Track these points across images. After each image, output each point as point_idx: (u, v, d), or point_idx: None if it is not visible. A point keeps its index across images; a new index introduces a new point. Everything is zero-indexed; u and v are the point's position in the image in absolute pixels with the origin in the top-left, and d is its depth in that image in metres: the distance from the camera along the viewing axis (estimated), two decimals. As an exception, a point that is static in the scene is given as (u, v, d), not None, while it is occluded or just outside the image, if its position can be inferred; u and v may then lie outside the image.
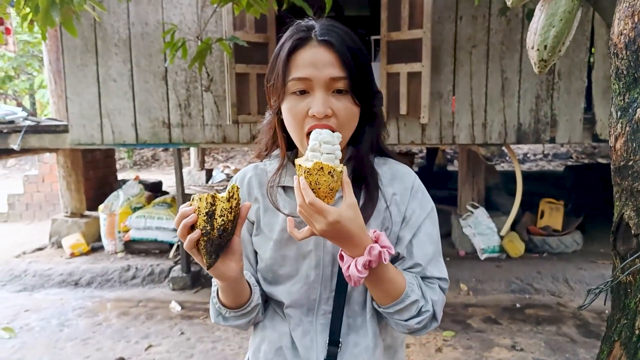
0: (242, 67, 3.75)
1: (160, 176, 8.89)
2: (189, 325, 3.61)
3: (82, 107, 4.24)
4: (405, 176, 1.00)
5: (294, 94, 0.90)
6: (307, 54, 0.89)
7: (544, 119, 3.95)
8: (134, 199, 5.13)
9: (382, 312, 0.92)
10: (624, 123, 0.94)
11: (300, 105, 0.89)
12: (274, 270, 0.98)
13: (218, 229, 0.79)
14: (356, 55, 0.90)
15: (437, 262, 0.98)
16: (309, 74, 0.88)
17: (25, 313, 3.88)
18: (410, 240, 0.96)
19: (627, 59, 0.94)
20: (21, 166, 11.41)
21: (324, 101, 0.88)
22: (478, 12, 3.85)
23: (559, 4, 1.04)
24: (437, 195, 6.69)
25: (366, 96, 0.93)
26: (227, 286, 0.90)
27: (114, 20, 4.12)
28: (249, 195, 1.02)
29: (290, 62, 0.90)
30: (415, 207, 0.98)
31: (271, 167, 1.02)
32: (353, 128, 0.94)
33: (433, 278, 0.96)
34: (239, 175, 1.05)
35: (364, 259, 0.81)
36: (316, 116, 0.87)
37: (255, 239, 1.02)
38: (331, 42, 0.88)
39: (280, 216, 0.98)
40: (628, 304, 1.14)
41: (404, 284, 0.88)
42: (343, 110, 0.89)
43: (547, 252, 4.62)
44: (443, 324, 3.51)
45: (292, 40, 0.90)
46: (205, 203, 0.79)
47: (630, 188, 0.97)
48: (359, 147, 0.96)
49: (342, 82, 0.89)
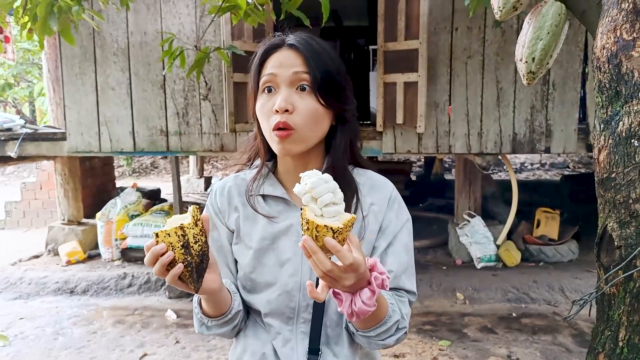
0: (240, 76, 3.78)
1: (159, 184, 8.89)
2: (184, 333, 3.60)
3: (80, 115, 4.25)
4: (383, 186, 1.01)
5: (263, 92, 0.95)
6: (277, 56, 0.94)
7: (539, 129, 3.97)
8: (132, 207, 5.13)
9: (361, 335, 0.90)
10: (606, 136, 0.95)
11: (268, 103, 0.93)
12: (253, 279, 0.99)
13: (197, 254, 0.78)
14: (323, 58, 0.93)
15: (411, 274, 0.99)
16: (275, 70, 0.93)
17: (20, 321, 3.87)
18: (385, 249, 0.97)
19: (609, 73, 0.96)
20: (19, 173, 11.40)
21: (286, 96, 0.91)
22: (473, 24, 3.89)
23: (546, 18, 1.06)
24: (434, 204, 6.72)
25: (333, 98, 0.94)
26: (209, 297, 0.91)
27: (112, 29, 4.15)
28: (229, 204, 1.03)
29: (262, 66, 0.96)
30: (392, 218, 0.99)
31: (250, 177, 1.03)
32: (318, 129, 0.95)
33: (403, 290, 0.97)
34: (219, 185, 1.06)
35: (369, 292, 0.77)
36: (278, 111, 0.90)
37: (235, 247, 1.02)
38: (296, 45, 0.93)
39: (259, 224, 0.99)
40: (612, 316, 1.15)
41: (386, 305, 0.88)
42: (305, 107, 0.91)
43: (543, 262, 4.62)
44: (439, 333, 3.50)
45: (265, 47, 0.97)
46: (176, 237, 0.76)
47: (613, 200, 0.98)
48: (334, 154, 0.98)
49: (305, 78, 0.92)
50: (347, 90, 0.98)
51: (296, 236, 0.97)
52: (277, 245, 0.98)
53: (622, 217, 0.98)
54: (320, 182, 0.75)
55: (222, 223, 1.03)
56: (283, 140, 0.91)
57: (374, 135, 4.07)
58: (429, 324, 3.66)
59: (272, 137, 0.93)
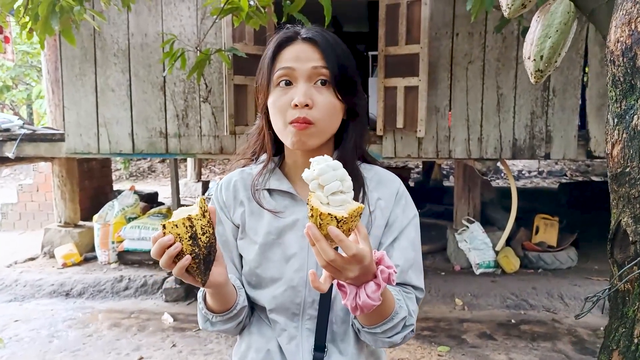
0: (241, 79, 3.77)
1: (157, 187, 8.86)
2: (181, 337, 3.56)
3: (79, 116, 4.24)
4: (390, 182, 1.01)
5: (278, 86, 0.93)
6: (292, 49, 0.93)
7: (539, 135, 3.98)
8: (129, 210, 5.10)
9: (366, 331, 0.88)
10: (620, 130, 0.94)
11: (284, 97, 0.91)
12: (258, 274, 0.97)
13: (205, 246, 0.77)
14: (339, 53, 0.93)
15: (418, 270, 0.97)
16: (293, 64, 0.91)
17: (15, 323, 3.82)
18: (391, 244, 0.96)
19: (623, 66, 0.95)
20: (16, 176, 11.35)
21: (306, 90, 0.90)
22: (474, 29, 3.91)
23: (554, 16, 1.05)
24: (433, 210, 6.71)
25: (349, 93, 0.95)
26: (215, 291, 0.89)
27: (113, 31, 4.15)
28: (235, 199, 1.02)
29: (276, 59, 0.94)
30: (399, 213, 0.98)
31: (256, 171, 1.02)
32: (334, 123, 0.95)
33: (410, 286, 0.95)
34: (225, 180, 1.05)
35: (374, 285, 0.75)
36: (298, 105, 0.89)
37: (240, 242, 1.01)
38: (314, 39, 0.92)
39: (265, 219, 0.98)
40: (626, 312, 1.13)
41: (393, 301, 0.86)
42: (324, 102, 0.91)
43: (542, 268, 4.61)
44: (438, 339, 3.48)
45: (278, 40, 0.95)
46: (184, 228, 0.75)
47: (628, 195, 0.97)
48: (344, 147, 0.97)
49: (324, 73, 0.91)
50: (359, 85, 0.98)
51: (302, 231, 0.95)
52: (283, 240, 0.97)
53: (637, 212, 0.97)
54: (328, 169, 0.72)
55: (227, 218, 1.02)
56: (300, 132, 0.90)
57: (374, 140, 4.06)
58: (428, 329, 3.63)
59: (287, 131, 0.91)
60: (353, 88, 0.95)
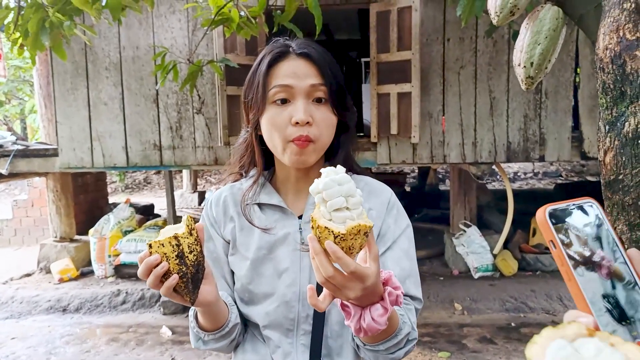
0: (233, 89, 3.77)
1: (152, 199, 8.82)
2: (180, 350, 3.53)
3: (72, 131, 4.22)
4: (381, 192, 1.00)
5: (275, 103, 0.91)
6: (287, 65, 0.92)
7: (533, 138, 3.99)
8: (125, 223, 5.07)
9: (368, 349, 0.85)
10: (612, 137, 0.94)
11: (282, 115, 0.90)
12: (250, 290, 0.96)
13: (193, 265, 0.76)
14: (332, 68, 0.93)
15: (415, 280, 0.95)
16: (290, 82, 0.90)
17: (11, 341, 3.78)
18: (383, 254, 0.94)
19: (613, 73, 0.96)
20: (10, 191, 11.28)
21: (306, 108, 0.89)
22: (465, 34, 3.93)
23: (543, 22, 1.06)
24: (429, 214, 6.71)
25: (344, 109, 0.95)
26: (205, 309, 0.88)
27: (104, 44, 4.14)
28: (225, 214, 1.01)
29: (270, 74, 0.92)
30: (391, 223, 0.97)
31: (246, 186, 1.01)
32: (330, 138, 0.95)
33: (409, 297, 0.93)
34: (215, 196, 1.04)
35: (381, 308, 0.71)
36: (299, 123, 0.88)
37: (231, 258, 1.00)
38: (309, 55, 0.91)
39: (255, 234, 0.97)
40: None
41: (397, 318, 0.81)
42: (322, 118, 0.91)
43: (540, 270, 4.61)
44: (438, 344, 3.47)
45: (271, 54, 0.93)
46: (170, 247, 0.73)
47: (622, 202, 0.97)
48: (336, 160, 0.96)
49: (322, 90, 0.91)
50: (350, 98, 0.98)
51: (293, 245, 0.95)
52: (275, 254, 0.95)
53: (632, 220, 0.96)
54: (332, 185, 0.68)
55: (218, 234, 1.01)
56: (302, 150, 0.89)
57: (368, 146, 4.06)
58: (428, 335, 3.62)
59: (285, 148, 0.90)
60: (345, 102, 0.96)
